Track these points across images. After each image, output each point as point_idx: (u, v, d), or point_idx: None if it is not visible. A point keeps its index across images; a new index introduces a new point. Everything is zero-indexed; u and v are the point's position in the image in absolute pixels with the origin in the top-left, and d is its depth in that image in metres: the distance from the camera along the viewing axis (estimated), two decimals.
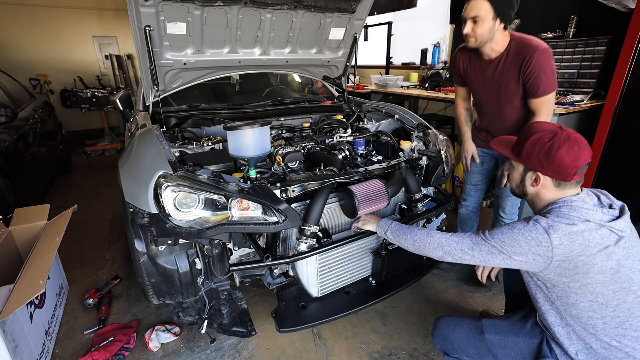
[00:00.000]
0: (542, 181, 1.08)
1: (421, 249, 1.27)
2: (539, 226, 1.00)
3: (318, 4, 2.06)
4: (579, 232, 0.96)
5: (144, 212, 1.33)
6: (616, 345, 0.99)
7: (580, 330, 1.03)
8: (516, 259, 1.03)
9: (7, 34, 5.53)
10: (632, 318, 0.98)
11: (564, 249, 0.97)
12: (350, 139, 2.01)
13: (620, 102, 1.98)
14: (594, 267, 0.97)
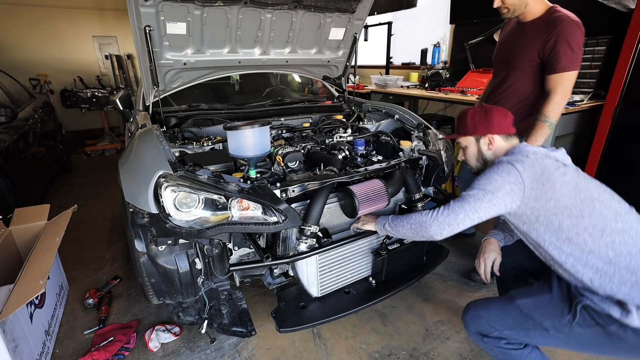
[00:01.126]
0: (494, 140, 1.29)
1: (419, 231, 1.27)
2: (504, 162, 1.19)
3: (318, 4, 2.06)
4: (533, 159, 1.16)
5: (144, 212, 1.33)
6: (612, 255, 1.04)
7: (579, 254, 1.08)
8: (499, 194, 1.14)
9: (7, 34, 5.53)
10: (608, 222, 1.07)
11: (529, 172, 1.14)
12: (350, 139, 2.01)
13: (620, 102, 1.98)
14: (556, 182, 1.12)
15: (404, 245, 1.76)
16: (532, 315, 1.17)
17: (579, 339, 1.10)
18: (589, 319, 1.07)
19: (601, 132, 2.09)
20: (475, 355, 1.68)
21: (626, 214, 1.10)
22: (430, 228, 1.23)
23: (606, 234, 1.06)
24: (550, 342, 1.17)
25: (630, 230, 1.06)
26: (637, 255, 1.02)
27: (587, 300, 1.08)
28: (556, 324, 1.12)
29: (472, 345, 1.73)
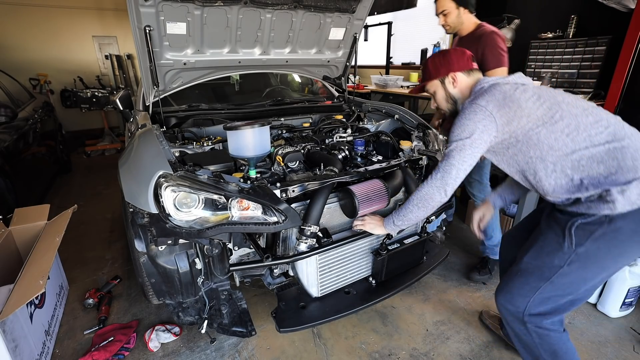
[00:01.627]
0: (458, 77, 1.35)
1: (427, 204, 1.31)
2: (466, 105, 1.25)
3: (318, 4, 2.06)
4: (492, 90, 1.22)
5: (144, 212, 1.33)
6: (593, 148, 1.09)
7: (564, 158, 1.12)
8: (475, 136, 1.19)
9: (7, 34, 5.53)
10: (579, 119, 1.12)
11: (492, 102, 1.18)
12: (350, 139, 2.01)
13: (620, 102, 1.98)
14: (520, 100, 1.17)
15: (404, 245, 1.76)
16: (542, 263, 1.21)
17: (590, 259, 1.13)
18: (584, 235, 1.12)
19: None
20: (475, 355, 1.68)
21: (593, 108, 1.16)
22: (434, 195, 1.27)
23: (581, 129, 1.11)
24: (575, 281, 1.18)
25: (601, 120, 1.12)
26: (614, 142, 1.08)
27: (573, 221, 1.13)
28: (563, 257, 1.16)
29: (472, 345, 1.73)
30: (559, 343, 1.28)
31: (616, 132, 1.10)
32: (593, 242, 1.11)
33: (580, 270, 1.16)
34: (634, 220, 1.06)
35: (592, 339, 1.76)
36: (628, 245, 1.11)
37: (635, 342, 1.75)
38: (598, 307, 1.96)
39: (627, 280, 1.81)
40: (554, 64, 2.66)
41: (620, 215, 1.06)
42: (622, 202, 1.04)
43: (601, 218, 1.09)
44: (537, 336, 1.28)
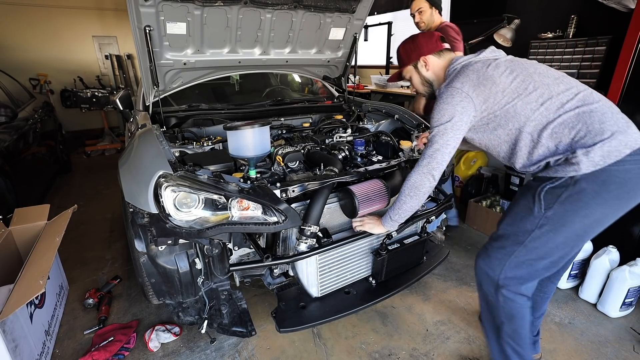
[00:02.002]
0: (429, 60, 1.39)
1: (418, 192, 1.33)
2: (442, 89, 1.28)
3: (318, 4, 2.06)
4: (463, 68, 1.27)
5: (144, 212, 1.33)
6: (565, 115, 1.13)
7: (541, 129, 1.16)
8: (455, 119, 1.22)
9: (7, 34, 5.53)
10: (551, 88, 1.17)
11: (466, 83, 1.22)
12: (350, 139, 2.01)
13: (620, 102, 1.98)
14: (493, 76, 1.21)
15: (404, 245, 1.76)
16: (516, 228, 1.26)
17: (559, 221, 1.17)
18: (552, 199, 1.16)
19: None
20: (475, 355, 1.68)
21: (563, 77, 1.21)
22: (423, 182, 1.31)
23: (554, 97, 1.15)
24: (547, 245, 1.21)
25: (572, 88, 1.17)
26: (583, 106, 1.12)
27: (543, 186, 1.17)
28: (534, 221, 1.21)
29: (472, 345, 1.73)
30: (520, 310, 1.32)
31: (585, 97, 1.14)
32: (560, 205, 1.15)
33: (551, 233, 1.19)
34: (596, 181, 1.09)
35: (592, 339, 1.76)
36: (592, 207, 1.13)
37: (635, 342, 1.75)
38: (598, 307, 1.96)
39: (627, 280, 1.81)
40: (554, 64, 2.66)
41: (584, 177, 1.10)
42: (586, 163, 1.08)
43: (567, 180, 1.13)
44: (503, 300, 1.32)
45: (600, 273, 1.93)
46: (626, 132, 1.07)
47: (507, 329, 1.34)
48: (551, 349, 1.70)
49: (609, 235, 2.09)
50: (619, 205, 1.13)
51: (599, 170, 1.08)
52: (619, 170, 1.07)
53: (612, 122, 1.09)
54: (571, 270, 2.06)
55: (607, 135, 1.07)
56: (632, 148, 1.06)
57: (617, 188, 1.09)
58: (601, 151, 1.07)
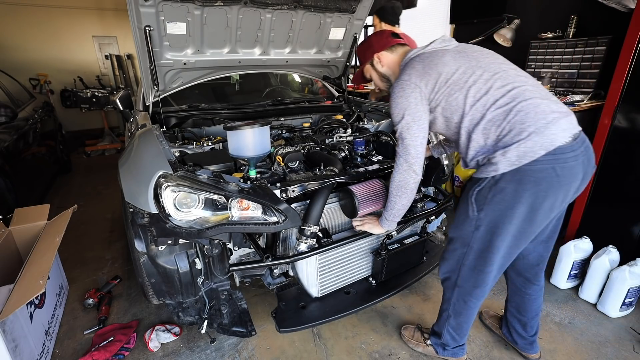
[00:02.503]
0: (382, 57, 1.42)
1: (405, 189, 1.35)
2: (394, 84, 1.31)
3: (318, 4, 2.06)
4: (411, 60, 1.30)
5: (144, 212, 1.33)
6: (495, 114, 1.15)
7: (477, 125, 1.18)
8: (412, 110, 1.25)
9: (7, 34, 5.53)
10: (489, 83, 1.17)
11: (414, 74, 1.25)
12: (350, 139, 2.01)
13: (620, 102, 1.98)
14: (438, 65, 1.23)
15: (404, 245, 1.76)
16: (460, 232, 1.32)
17: (492, 222, 1.21)
18: (482, 200, 1.21)
19: (601, 132, 2.09)
20: (475, 355, 1.68)
21: (504, 72, 1.19)
22: (407, 179, 1.33)
23: (490, 93, 1.16)
24: (489, 247, 1.26)
25: (507, 84, 1.16)
26: (510, 103, 1.13)
27: (474, 188, 1.23)
28: (472, 223, 1.26)
29: (472, 345, 1.73)
30: (468, 311, 1.43)
31: (517, 94, 1.14)
32: (489, 206, 1.20)
33: (489, 235, 1.24)
34: (513, 180, 1.13)
35: (592, 339, 1.76)
36: (515, 207, 1.16)
37: (635, 342, 1.75)
38: (598, 307, 1.96)
39: (627, 280, 1.81)
40: (554, 64, 2.66)
41: (502, 176, 1.14)
42: (504, 163, 1.12)
43: (490, 181, 1.18)
44: (456, 299, 1.43)
45: (600, 273, 1.93)
46: (542, 133, 1.08)
47: (452, 322, 1.48)
48: (551, 349, 1.70)
49: (609, 235, 2.10)
50: (540, 204, 1.14)
51: (514, 170, 1.12)
52: (532, 169, 1.10)
53: (532, 122, 1.10)
54: (571, 270, 2.06)
55: (524, 136, 1.09)
56: (546, 149, 1.08)
57: (532, 187, 1.12)
58: (517, 151, 1.10)
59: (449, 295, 1.47)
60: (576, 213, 2.29)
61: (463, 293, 1.40)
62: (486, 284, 1.35)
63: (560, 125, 1.10)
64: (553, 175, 1.10)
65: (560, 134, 1.09)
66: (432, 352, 1.62)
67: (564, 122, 1.11)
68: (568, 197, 1.18)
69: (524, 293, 1.53)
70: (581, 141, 1.14)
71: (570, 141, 1.10)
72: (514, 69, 1.23)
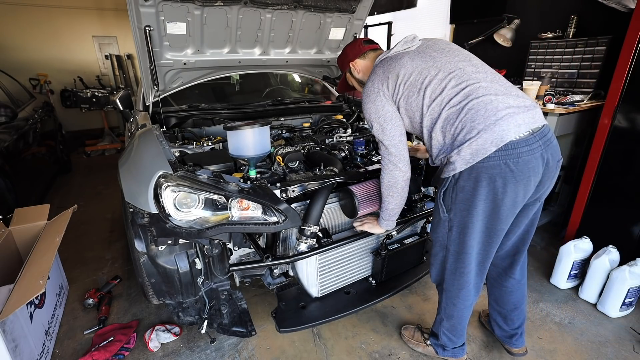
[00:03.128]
0: (356, 65, 1.50)
1: (396, 187, 1.38)
2: (365, 89, 1.36)
3: (318, 4, 2.06)
4: (377, 66, 1.35)
5: (144, 212, 1.33)
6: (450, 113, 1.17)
7: (435, 125, 1.21)
8: (383, 112, 1.30)
9: (7, 34, 5.53)
10: (444, 83, 1.19)
11: (376, 79, 1.31)
12: (350, 139, 2.01)
13: (620, 102, 1.98)
14: (395, 68, 1.27)
15: (404, 245, 1.76)
16: (437, 234, 1.36)
17: (461, 221, 1.24)
18: (448, 201, 1.25)
19: (601, 132, 2.09)
20: (475, 355, 1.68)
21: (459, 70, 1.20)
22: (395, 178, 1.36)
23: (444, 93, 1.18)
24: (463, 245, 1.28)
25: (461, 82, 1.18)
26: (463, 101, 1.15)
27: (440, 190, 1.26)
28: (445, 225, 1.30)
29: (472, 345, 1.73)
30: (459, 312, 1.44)
31: (470, 92, 1.15)
32: (455, 206, 1.23)
33: (461, 235, 1.26)
34: (470, 178, 1.15)
35: (592, 339, 1.76)
36: (477, 204, 1.17)
37: (635, 342, 1.75)
38: (598, 307, 1.96)
39: (627, 280, 1.81)
40: (554, 64, 2.66)
41: (460, 175, 1.17)
42: (460, 161, 1.15)
43: (451, 181, 1.21)
44: (445, 302, 1.46)
45: (600, 273, 1.93)
46: (492, 130, 1.09)
47: (446, 324, 1.50)
48: (551, 349, 1.70)
49: (609, 235, 2.10)
50: (501, 200, 1.15)
51: (470, 168, 1.14)
52: (485, 166, 1.12)
53: (482, 119, 1.11)
54: (571, 270, 2.06)
55: (474, 133, 1.11)
56: (497, 145, 1.09)
57: (488, 183, 1.13)
58: (470, 149, 1.12)
59: (440, 298, 1.50)
60: (576, 213, 2.29)
61: (450, 296, 1.42)
62: (469, 284, 1.36)
63: (514, 120, 1.10)
64: (507, 171, 1.10)
65: (513, 129, 1.09)
66: (432, 352, 1.62)
67: (519, 117, 1.11)
68: (530, 191, 1.18)
69: (501, 285, 1.55)
70: (540, 135, 1.13)
71: (525, 135, 1.10)
72: (473, 65, 1.22)
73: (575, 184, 2.51)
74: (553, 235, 2.70)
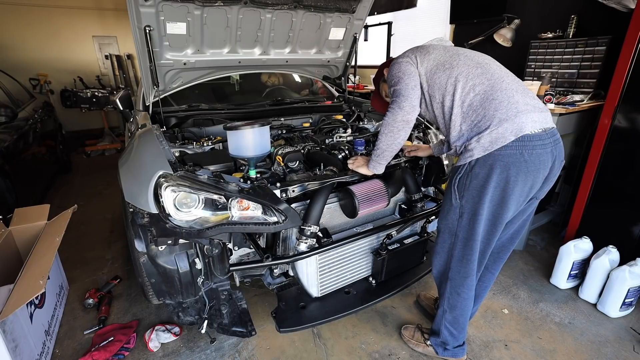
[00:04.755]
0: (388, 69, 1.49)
1: (394, 129, 1.37)
2: (392, 64, 1.42)
3: (318, 4, 2.06)
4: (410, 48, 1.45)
5: (144, 212, 1.33)
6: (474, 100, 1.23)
7: (456, 107, 1.26)
8: (407, 70, 1.35)
9: (7, 34, 5.53)
10: (470, 69, 1.27)
11: (408, 50, 1.43)
12: (350, 139, 2.01)
13: (620, 102, 1.98)
14: (429, 49, 1.38)
15: (404, 245, 1.76)
16: (447, 222, 1.38)
17: (472, 207, 1.27)
18: (462, 188, 1.28)
19: (601, 132, 2.09)
20: (475, 355, 1.68)
21: (485, 65, 1.29)
22: (395, 116, 1.34)
23: (470, 77, 1.25)
24: (471, 232, 1.31)
25: (487, 73, 1.25)
26: (488, 91, 1.21)
27: (455, 178, 1.29)
28: (456, 211, 1.33)
29: (472, 345, 1.73)
30: (462, 302, 1.46)
31: (495, 85, 1.22)
32: (468, 192, 1.26)
33: (471, 222, 1.30)
34: (485, 165, 1.20)
35: (592, 339, 1.76)
36: (489, 190, 1.22)
37: (635, 342, 1.75)
38: (598, 307, 1.96)
39: (627, 280, 1.81)
40: (554, 64, 2.66)
41: (477, 162, 1.22)
42: (478, 148, 1.20)
43: (467, 168, 1.25)
44: (449, 292, 1.47)
45: (600, 273, 1.94)
46: (513, 120, 1.16)
47: (448, 316, 1.52)
48: (551, 349, 1.71)
49: (609, 235, 2.10)
50: (511, 189, 1.20)
51: (487, 155, 1.19)
52: (501, 154, 1.17)
53: (505, 110, 1.18)
54: (571, 270, 2.06)
55: (495, 122, 1.17)
56: (516, 135, 1.15)
57: (503, 171, 1.18)
58: (490, 137, 1.17)
59: (442, 290, 1.52)
60: (576, 213, 2.29)
61: (455, 285, 1.45)
62: (473, 272, 1.41)
63: (531, 117, 1.17)
64: (521, 160, 1.16)
65: (530, 124, 1.16)
66: (432, 353, 1.62)
67: (535, 115, 1.19)
68: (537, 185, 1.24)
69: (479, 281, 1.56)
70: (551, 134, 1.21)
71: (539, 132, 1.18)
72: (497, 65, 1.32)
73: (575, 184, 2.51)
74: (553, 235, 2.70)
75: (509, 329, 1.83)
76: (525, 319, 1.90)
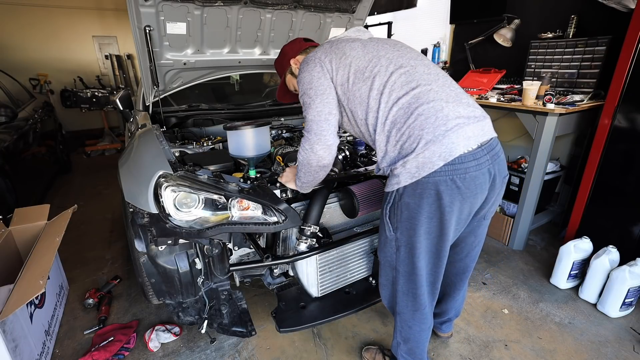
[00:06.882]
0: (299, 61, 1.36)
1: (310, 170, 1.24)
2: (304, 59, 1.26)
3: (318, 4, 2.06)
4: (322, 46, 1.26)
5: (144, 212, 1.33)
6: (397, 115, 1.06)
7: (379, 124, 1.10)
8: (317, 84, 1.16)
9: (7, 34, 5.53)
10: (393, 77, 1.09)
11: (319, 52, 1.22)
12: (350, 139, 2.01)
13: (620, 102, 1.98)
14: (345, 49, 1.18)
15: None
16: (385, 254, 1.25)
17: (408, 239, 1.13)
18: (394, 218, 1.14)
19: (601, 132, 2.09)
20: (475, 355, 1.68)
21: (411, 67, 1.11)
22: (309, 159, 1.21)
23: (394, 91, 1.08)
24: (412, 266, 1.18)
25: (412, 81, 1.08)
26: (413, 105, 1.04)
27: (385, 207, 1.15)
28: (392, 244, 1.19)
29: (472, 345, 1.73)
30: (415, 335, 1.34)
31: (420, 95, 1.05)
32: (401, 224, 1.12)
33: (410, 256, 1.16)
34: (414, 194, 1.05)
35: (592, 339, 1.76)
36: (423, 222, 1.08)
37: (635, 342, 1.75)
38: (598, 307, 1.96)
39: (627, 280, 1.81)
40: (554, 64, 2.66)
41: (405, 190, 1.06)
42: (405, 174, 1.04)
43: (395, 196, 1.10)
44: (400, 325, 1.36)
45: (600, 273, 1.93)
46: (441, 142, 0.99)
47: (403, 347, 1.39)
48: (551, 349, 1.70)
49: (609, 235, 2.10)
50: (447, 220, 1.07)
51: (415, 183, 1.03)
52: (430, 182, 1.02)
53: (431, 128, 1.00)
54: (571, 270, 2.06)
55: (421, 144, 1.01)
56: (445, 159, 0.99)
57: (434, 202, 1.04)
58: (416, 162, 1.02)
59: (395, 321, 1.40)
60: (576, 213, 2.29)
61: (405, 319, 1.32)
62: (424, 305, 1.27)
63: (464, 132, 1.01)
64: (453, 187, 1.02)
65: (462, 142, 1.01)
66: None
67: (469, 129, 1.02)
68: (475, 208, 1.12)
69: (447, 294, 1.54)
70: (488, 148, 1.06)
71: (474, 149, 1.02)
72: (425, 65, 1.13)
73: (575, 184, 2.51)
74: (553, 235, 2.70)
75: (509, 329, 1.83)
76: (525, 319, 1.90)
